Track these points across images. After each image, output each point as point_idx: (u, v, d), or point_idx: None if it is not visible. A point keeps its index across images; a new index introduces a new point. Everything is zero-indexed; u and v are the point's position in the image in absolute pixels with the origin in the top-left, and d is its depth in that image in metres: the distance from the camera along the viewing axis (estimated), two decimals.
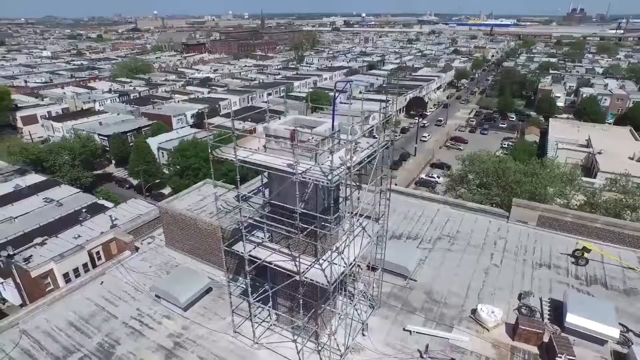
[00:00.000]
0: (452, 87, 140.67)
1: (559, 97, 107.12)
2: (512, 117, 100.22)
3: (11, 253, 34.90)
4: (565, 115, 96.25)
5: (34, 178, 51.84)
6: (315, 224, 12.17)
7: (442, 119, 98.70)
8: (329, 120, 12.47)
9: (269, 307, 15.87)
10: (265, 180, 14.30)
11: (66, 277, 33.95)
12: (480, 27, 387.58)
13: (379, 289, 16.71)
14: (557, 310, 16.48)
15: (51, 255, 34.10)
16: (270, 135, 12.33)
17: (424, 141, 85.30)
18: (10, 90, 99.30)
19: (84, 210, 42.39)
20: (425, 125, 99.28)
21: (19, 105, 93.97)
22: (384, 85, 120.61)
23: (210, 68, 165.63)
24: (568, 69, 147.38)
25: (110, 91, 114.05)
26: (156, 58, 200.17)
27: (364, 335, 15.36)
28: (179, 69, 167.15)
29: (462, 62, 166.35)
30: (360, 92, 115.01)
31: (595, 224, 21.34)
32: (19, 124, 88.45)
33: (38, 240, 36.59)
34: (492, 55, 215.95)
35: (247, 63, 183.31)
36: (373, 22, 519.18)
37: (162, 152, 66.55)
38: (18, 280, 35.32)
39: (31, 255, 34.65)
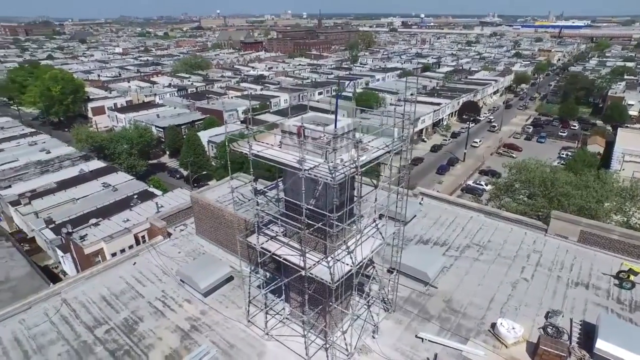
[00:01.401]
0: (510, 92, 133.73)
1: (632, 104, 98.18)
2: (575, 126, 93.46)
3: (70, 231, 38.28)
4: (638, 125, 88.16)
5: (96, 164, 56.44)
6: (323, 222, 12.25)
7: (496, 124, 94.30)
8: (344, 119, 12.49)
9: (282, 299, 16.20)
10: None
11: (114, 256, 36.58)
12: (548, 28, 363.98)
13: (394, 293, 16.44)
14: (589, 335, 15.28)
15: (102, 235, 36.94)
16: (285, 132, 12.60)
17: (475, 147, 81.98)
18: (85, 84, 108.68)
19: (135, 196, 45.43)
20: (491, 120, 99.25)
21: (90, 97, 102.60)
22: (437, 87, 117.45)
23: (265, 66, 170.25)
24: None
25: (170, 86, 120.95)
26: (215, 55, 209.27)
27: (374, 337, 15.21)
28: (235, 66, 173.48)
29: (523, 66, 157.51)
30: (412, 95, 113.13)
31: None
32: (90, 114, 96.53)
33: (93, 221, 39.84)
34: (558, 59, 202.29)
35: (302, 62, 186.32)
36: (432, 24, 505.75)
37: (212, 145, 69.51)
38: (75, 256, 38.65)
39: (86, 234, 37.76)
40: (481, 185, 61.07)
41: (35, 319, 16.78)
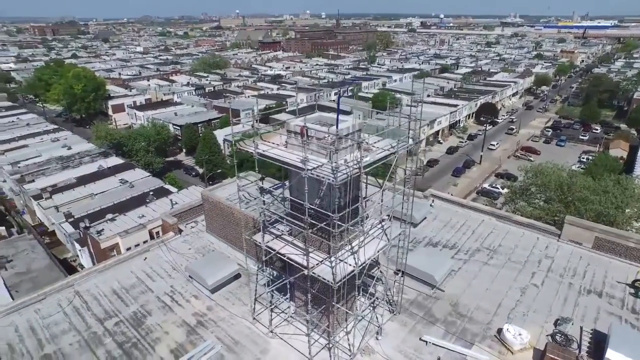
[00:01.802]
0: (530, 94, 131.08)
1: None
2: (597, 129, 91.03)
3: (87, 225, 39.31)
4: None
5: (114, 160, 57.80)
6: (327, 222, 12.29)
7: (514, 127, 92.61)
8: (349, 120, 12.52)
9: (286, 298, 16.31)
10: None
11: (129, 251, 37.42)
12: (572, 29, 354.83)
13: (400, 295, 16.37)
14: (599, 344, 14.90)
15: (118, 230, 37.83)
16: (290, 132, 12.70)
17: (492, 149, 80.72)
18: (106, 82, 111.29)
19: (151, 192, 46.32)
20: (513, 120, 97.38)
21: (111, 95, 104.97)
22: (455, 89, 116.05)
23: (283, 65, 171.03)
24: None
25: (188, 84, 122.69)
26: (233, 54, 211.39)
27: (377, 339, 15.18)
28: (253, 66, 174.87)
29: (545, 67, 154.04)
30: (429, 95, 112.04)
31: None
32: (110, 111, 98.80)
33: (110, 216, 40.81)
34: (582, 61, 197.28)
35: (319, 62, 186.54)
36: (451, 24, 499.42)
37: (227, 144, 70.25)
38: (91, 250, 39.66)
39: (103, 229, 38.71)
40: (497, 188, 60.08)
41: (50, 309, 17.32)
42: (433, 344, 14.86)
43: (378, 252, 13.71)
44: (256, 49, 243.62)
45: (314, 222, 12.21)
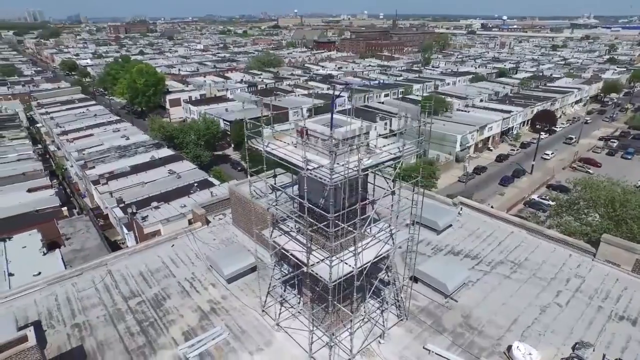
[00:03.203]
0: (596, 102, 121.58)
1: None
2: None
3: (134, 211, 42.17)
4: None
5: (165, 152, 61.32)
6: (327, 222, 12.49)
7: (573, 136, 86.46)
8: (355, 123, 12.63)
9: (296, 294, 16.69)
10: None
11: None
12: None
13: (408, 301, 16.19)
14: None
15: (160, 218, 40.23)
16: (298, 132, 13.03)
17: (546, 159, 76.01)
18: (166, 77, 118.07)
19: (195, 184, 48.69)
20: (588, 121, 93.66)
21: (169, 89, 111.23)
22: (510, 94, 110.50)
23: (335, 65, 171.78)
24: None
25: (241, 81, 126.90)
26: (288, 53, 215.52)
27: (380, 342, 15.14)
28: (305, 65, 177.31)
29: (617, 72, 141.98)
30: (482, 100, 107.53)
31: None
32: (167, 105, 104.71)
33: (155, 204, 43.45)
34: None
35: (372, 63, 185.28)
36: (515, 26, 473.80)
37: None
38: (136, 234, 42.54)
39: (147, 215, 41.33)
40: (547, 200, 56.59)
41: (84, 284, 19.01)
42: (436, 353, 14.58)
43: (379, 255, 13.68)
44: (311, 49, 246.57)
45: (312, 221, 12.47)
